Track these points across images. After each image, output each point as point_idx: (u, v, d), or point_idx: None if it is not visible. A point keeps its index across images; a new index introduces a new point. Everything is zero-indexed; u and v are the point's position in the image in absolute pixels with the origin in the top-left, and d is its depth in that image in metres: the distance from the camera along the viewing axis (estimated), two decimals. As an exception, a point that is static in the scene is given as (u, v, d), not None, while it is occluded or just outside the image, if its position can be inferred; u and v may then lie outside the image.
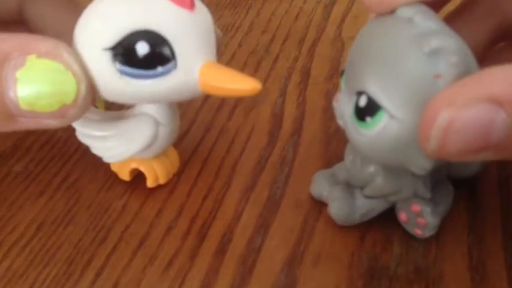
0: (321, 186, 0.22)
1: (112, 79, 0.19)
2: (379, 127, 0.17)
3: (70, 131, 0.26)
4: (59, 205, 0.23)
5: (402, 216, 0.21)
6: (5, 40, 0.18)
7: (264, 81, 0.30)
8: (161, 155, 0.23)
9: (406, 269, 0.20)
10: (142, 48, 0.19)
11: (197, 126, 0.27)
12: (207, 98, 0.28)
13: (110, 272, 0.20)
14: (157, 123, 0.21)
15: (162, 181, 0.23)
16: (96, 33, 0.19)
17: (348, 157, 0.21)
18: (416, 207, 0.20)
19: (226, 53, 0.32)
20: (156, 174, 0.23)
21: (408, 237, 0.21)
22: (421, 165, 0.17)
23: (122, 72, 0.19)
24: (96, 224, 0.22)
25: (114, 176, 0.24)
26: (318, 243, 0.21)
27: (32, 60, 0.18)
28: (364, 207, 0.21)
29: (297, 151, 0.25)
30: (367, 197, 0.21)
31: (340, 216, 0.21)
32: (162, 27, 0.19)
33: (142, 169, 0.23)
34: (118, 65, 0.19)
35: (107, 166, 0.24)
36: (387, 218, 0.21)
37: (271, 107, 0.28)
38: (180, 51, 0.19)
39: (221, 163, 0.25)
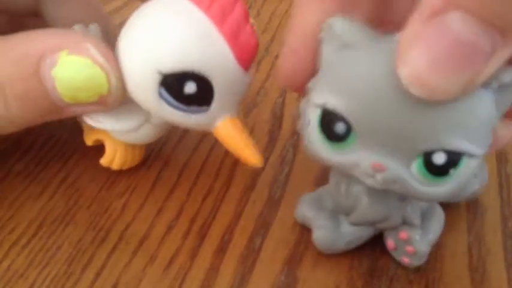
0: (305, 210, 0.21)
1: (150, 95, 0.20)
2: (463, 171, 0.16)
3: (70, 131, 0.26)
4: (59, 205, 0.23)
5: (390, 244, 0.20)
6: (37, 40, 0.20)
7: (264, 81, 0.30)
8: (130, 144, 0.23)
9: (406, 269, 0.20)
10: (190, 88, 0.19)
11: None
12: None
13: (110, 272, 0.20)
14: (146, 119, 0.22)
15: (115, 167, 0.24)
16: (156, 54, 0.19)
17: (332, 180, 0.20)
18: (404, 234, 0.19)
19: (226, 52, 0.32)
20: (113, 157, 0.23)
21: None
22: (471, 190, 0.17)
23: (161, 96, 0.20)
24: (96, 224, 0.22)
25: (114, 176, 0.24)
26: (318, 243, 0.21)
27: (63, 58, 0.19)
28: (350, 235, 0.20)
29: (297, 151, 0.25)
30: (353, 224, 0.20)
31: (324, 245, 0.20)
32: (216, 78, 0.19)
33: (105, 145, 0.23)
34: (162, 89, 0.19)
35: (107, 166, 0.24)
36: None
37: (271, 107, 0.28)
38: (218, 101, 0.20)
39: (221, 163, 0.25)
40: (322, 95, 0.16)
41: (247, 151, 0.21)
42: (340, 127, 0.16)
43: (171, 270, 0.20)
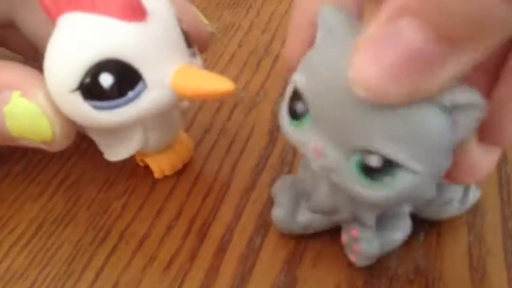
0: (276, 186, 0.22)
1: (91, 115, 0.19)
2: (397, 182, 0.15)
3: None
4: (59, 205, 0.23)
5: (343, 238, 0.20)
6: None
7: (264, 81, 0.30)
8: (166, 147, 0.23)
9: (406, 269, 0.20)
10: (106, 80, 0.18)
11: (197, 126, 0.27)
12: (207, 98, 0.28)
13: (109, 272, 0.20)
14: (145, 129, 0.21)
15: (168, 172, 0.24)
16: (58, 79, 0.19)
17: (302, 163, 0.20)
18: (355, 232, 0.19)
19: (226, 53, 0.32)
20: (161, 168, 0.24)
21: (408, 237, 0.21)
22: (426, 198, 0.16)
23: (97, 108, 0.19)
24: (96, 224, 0.22)
25: (114, 176, 0.24)
26: (318, 243, 0.21)
27: (16, 98, 0.19)
28: (306, 220, 0.20)
29: (296, 151, 0.25)
30: (310, 210, 0.20)
31: (279, 223, 0.21)
32: (117, 52, 0.18)
33: (147, 161, 0.24)
34: (90, 102, 0.18)
35: (106, 166, 0.24)
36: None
37: (271, 107, 0.28)
38: (145, 68, 0.18)
39: (221, 163, 0.25)
40: (297, 73, 0.17)
41: (211, 82, 0.19)
42: (299, 105, 0.17)
43: (171, 271, 0.20)
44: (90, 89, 0.18)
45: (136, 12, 0.18)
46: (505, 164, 0.24)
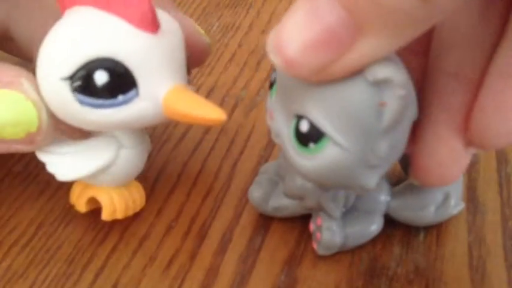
0: (264, 167, 0.23)
1: (73, 108, 0.18)
2: (323, 154, 0.16)
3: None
4: (59, 205, 0.23)
5: (310, 226, 0.21)
6: None
7: (264, 81, 0.30)
8: (122, 187, 0.21)
9: (406, 269, 0.20)
10: (100, 78, 0.18)
11: (197, 126, 0.27)
12: (206, 98, 0.28)
13: (109, 272, 0.20)
14: (119, 145, 0.20)
15: (119, 216, 0.21)
16: (53, 63, 0.18)
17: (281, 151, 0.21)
18: (319, 220, 0.20)
19: (226, 52, 0.32)
20: (114, 207, 0.21)
21: (408, 237, 0.21)
22: (363, 186, 0.17)
23: (82, 102, 0.18)
24: (96, 224, 0.22)
25: (114, 176, 0.24)
26: (318, 243, 0.21)
27: None
28: (277, 201, 0.21)
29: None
30: (283, 193, 0.21)
31: (253, 199, 0.22)
32: (121, 54, 0.18)
33: (99, 198, 0.21)
34: (77, 95, 0.18)
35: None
36: (386, 219, 0.21)
37: (271, 107, 0.28)
38: (142, 78, 0.18)
39: (221, 163, 0.25)
40: None
41: (204, 108, 0.18)
42: (273, 74, 0.18)
43: (170, 271, 0.20)
44: (80, 82, 0.18)
45: (151, 24, 0.18)
46: (505, 164, 0.24)
